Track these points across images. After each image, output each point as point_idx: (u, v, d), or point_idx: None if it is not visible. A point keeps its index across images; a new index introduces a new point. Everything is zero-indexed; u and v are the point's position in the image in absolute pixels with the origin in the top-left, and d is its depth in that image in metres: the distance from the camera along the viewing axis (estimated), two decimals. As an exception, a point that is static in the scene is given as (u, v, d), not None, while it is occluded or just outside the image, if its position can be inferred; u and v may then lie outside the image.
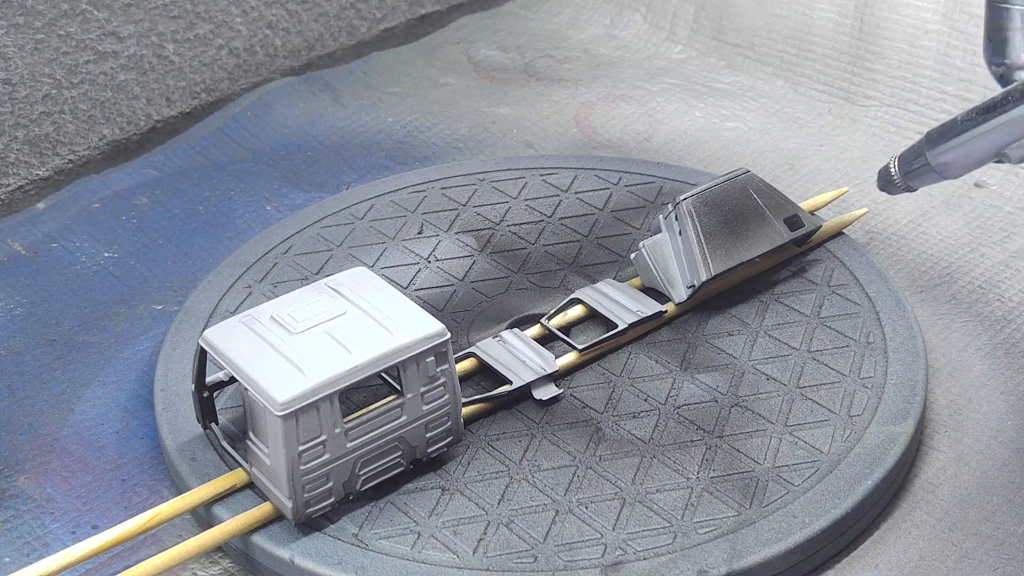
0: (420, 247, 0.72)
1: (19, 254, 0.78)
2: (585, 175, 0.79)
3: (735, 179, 0.67)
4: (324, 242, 0.73)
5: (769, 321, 0.66)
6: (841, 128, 0.88)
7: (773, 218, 0.67)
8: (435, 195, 0.77)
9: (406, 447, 0.55)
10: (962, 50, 0.86)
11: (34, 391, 0.67)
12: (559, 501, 0.55)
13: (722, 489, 0.56)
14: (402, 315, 0.55)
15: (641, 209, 0.76)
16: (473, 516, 0.55)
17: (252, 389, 0.52)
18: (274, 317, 0.55)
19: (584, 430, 0.59)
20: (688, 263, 0.65)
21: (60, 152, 0.88)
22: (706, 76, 0.96)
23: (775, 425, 0.59)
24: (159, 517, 0.55)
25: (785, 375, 0.62)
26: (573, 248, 0.72)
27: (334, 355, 0.53)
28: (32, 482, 0.61)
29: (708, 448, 0.58)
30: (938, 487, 0.59)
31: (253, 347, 0.54)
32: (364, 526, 0.54)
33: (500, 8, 1.10)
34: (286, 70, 1.00)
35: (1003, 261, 0.73)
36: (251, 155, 0.88)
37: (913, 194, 0.80)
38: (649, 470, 0.57)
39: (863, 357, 0.63)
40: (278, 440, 0.51)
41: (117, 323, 0.72)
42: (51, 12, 0.84)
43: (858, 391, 0.61)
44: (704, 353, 0.64)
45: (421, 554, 0.53)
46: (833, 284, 0.68)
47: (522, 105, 0.93)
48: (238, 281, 0.70)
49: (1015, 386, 0.64)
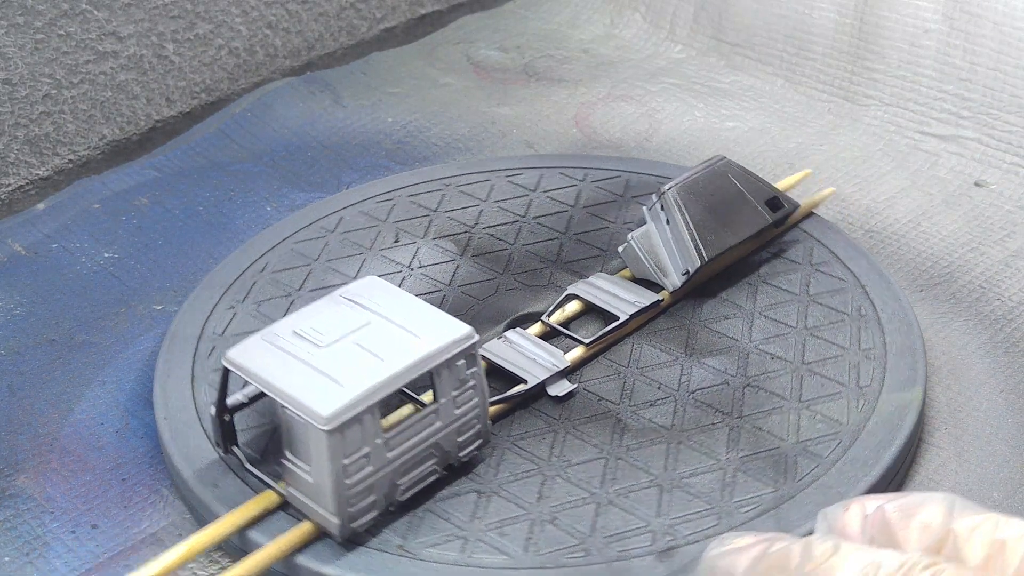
0: (400, 255, 0.72)
1: (19, 254, 0.78)
2: (550, 174, 0.79)
3: (714, 166, 0.68)
4: (301, 257, 0.72)
5: (761, 302, 0.67)
6: (841, 128, 0.88)
7: (755, 201, 0.68)
8: (403, 203, 0.76)
9: (441, 453, 0.55)
10: (962, 50, 0.86)
11: (34, 391, 0.67)
12: (597, 494, 0.56)
13: (754, 468, 0.57)
14: (427, 320, 0.54)
15: (613, 203, 0.76)
16: (515, 516, 0.54)
17: (291, 406, 0.51)
18: (297, 332, 0.54)
19: (605, 422, 0.59)
20: (680, 250, 0.65)
21: (60, 152, 0.88)
22: (706, 76, 0.96)
23: (790, 402, 0.60)
24: (194, 549, 0.52)
25: (789, 353, 0.63)
26: (554, 246, 0.73)
27: (369, 365, 0.52)
28: (32, 482, 0.61)
29: (731, 429, 0.59)
30: (938, 484, 0.59)
31: (283, 363, 0.52)
32: (407, 536, 0.53)
33: (500, 8, 1.10)
34: (286, 70, 1.00)
35: (1003, 260, 0.73)
36: (251, 155, 0.88)
37: (913, 194, 0.80)
38: (678, 456, 0.57)
39: (859, 330, 0.64)
40: (323, 455, 0.50)
41: (117, 323, 0.72)
42: (51, 12, 0.84)
43: (862, 362, 0.62)
44: (706, 338, 0.65)
45: (472, 558, 0.52)
46: (815, 262, 0.70)
47: (522, 105, 0.93)
48: (219, 303, 0.69)
49: (1015, 384, 0.64)
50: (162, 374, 0.64)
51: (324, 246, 0.73)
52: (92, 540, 0.57)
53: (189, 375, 0.64)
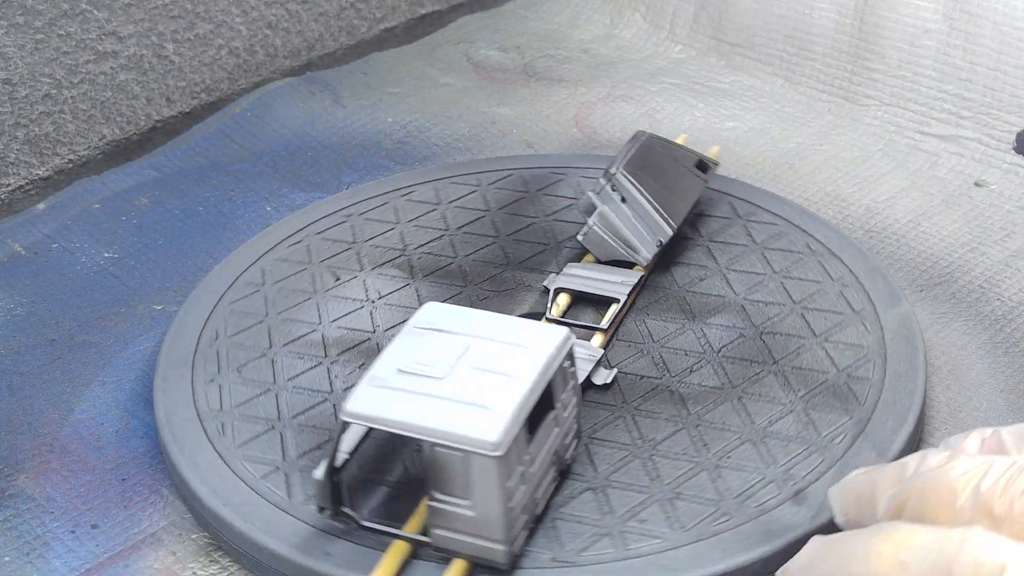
0: (351, 292, 0.69)
1: (19, 254, 0.78)
2: (442, 185, 0.78)
3: (643, 142, 0.70)
4: (248, 316, 0.67)
5: (722, 259, 0.70)
6: (841, 128, 0.88)
7: (688, 167, 0.71)
8: (317, 242, 0.73)
9: (558, 459, 0.55)
10: (962, 50, 0.86)
11: (34, 391, 0.67)
12: (700, 462, 0.56)
13: (820, 403, 0.59)
14: (519, 330, 0.53)
15: (522, 200, 0.76)
16: (641, 502, 0.55)
17: (448, 441, 0.48)
18: (403, 370, 0.51)
19: (662, 396, 0.61)
20: (647, 225, 0.67)
21: (60, 152, 0.88)
22: (706, 76, 0.96)
23: (808, 339, 0.63)
24: None
25: (778, 297, 0.66)
26: (496, 250, 0.72)
27: (501, 385, 0.50)
28: (32, 481, 0.61)
29: (776, 375, 0.61)
30: (938, 485, 0.59)
31: (413, 403, 0.50)
32: (554, 548, 0.53)
33: (500, 8, 1.10)
34: (286, 70, 1.00)
35: (1003, 260, 0.73)
36: (251, 155, 0.88)
37: (913, 194, 0.80)
38: (747, 409, 0.59)
39: (820, 263, 0.69)
40: (491, 483, 0.48)
41: (117, 323, 0.72)
42: (51, 12, 0.84)
43: (843, 290, 0.66)
44: (697, 300, 0.67)
45: (630, 549, 0.52)
46: (743, 214, 0.73)
47: (522, 105, 0.93)
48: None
49: (1015, 384, 0.64)
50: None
51: (265, 300, 0.69)
52: (92, 540, 0.57)
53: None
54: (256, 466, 0.57)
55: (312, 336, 0.65)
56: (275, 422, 0.60)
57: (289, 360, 0.64)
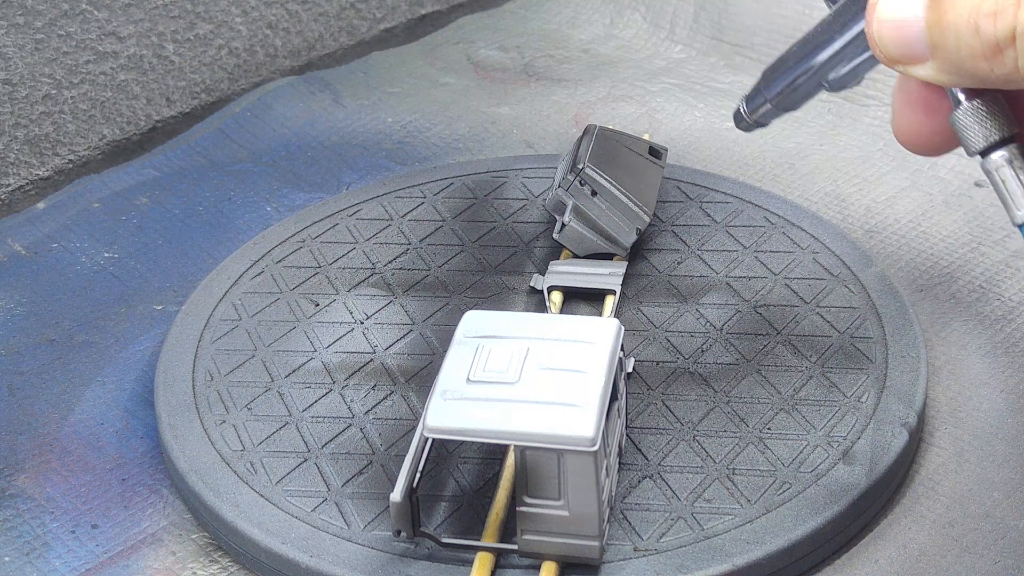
0: (336, 316, 0.68)
1: (19, 254, 0.78)
2: (388, 200, 0.77)
3: (597, 135, 0.71)
4: (239, 353, 0.65)
5: (692, 241, 0.71)
6: (841, 128, 0.88)
7: (643, 155, 0.72)
8: (279, 272, 0.71)
9: (620, 449, 0.55)
10: (962, 49, 0.86)
11: (34, 391, 0.67)
12: (744, 436, 0.58)
13: (835, 364, 0.61)
14: (573, 327, 0.53)
15: (474, 206, 0.76)
16: (700, 482, 0.55)
17: (543, 442, 0.48)
18: (472, 380, 0.51)
19: (684, 379, 0.61)
20: (623, 214, 0.68)
21: (60, 152, 0.88)
22: (706, 76, 0.96)
23: (801, 306, 0.66)
24: None
25: (758, 271, 0.68)
26: (468, 258, 0.72)
27: (579, 382, 0.50)
28: (32, 481, 0.61)
29: (784, 344, 0.63)
30: (938, 483, 0.59)
31: (495, 410, 0.49)
32: (632, 537, 0.53)
33: (500, 8, 1.10)
34: (286, 70, 1.00)
35: (1003, 260, 0.73)
36: (251, 155, 0.88)
37: (913, 194, 0.80)
38: (769, 379, 0.61)
39: (784, 233, 0.71)
40: (589, 478, 0.49)
41: (117, 323, 0.72)
42: (51, 12, 0.84)
43: (815, 256, 0.69)
44: (683, 283, 0.68)
45: (708, 528, 0.53)
46: (695, 197, 0.75)
47: (522, 105, 0.93)
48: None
49: (1015, 384, 0.64)
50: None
51: (248, 335, 0.66)
52: (92, 540, 0.58)
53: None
54: (303, 500, 0.56)
55: (312, 364, 0.64)
56: (306, 454, 0.58)
57: (297, 391, 0.62)
